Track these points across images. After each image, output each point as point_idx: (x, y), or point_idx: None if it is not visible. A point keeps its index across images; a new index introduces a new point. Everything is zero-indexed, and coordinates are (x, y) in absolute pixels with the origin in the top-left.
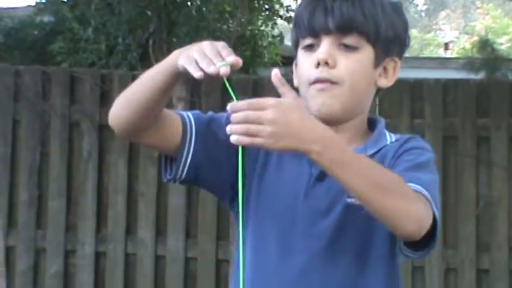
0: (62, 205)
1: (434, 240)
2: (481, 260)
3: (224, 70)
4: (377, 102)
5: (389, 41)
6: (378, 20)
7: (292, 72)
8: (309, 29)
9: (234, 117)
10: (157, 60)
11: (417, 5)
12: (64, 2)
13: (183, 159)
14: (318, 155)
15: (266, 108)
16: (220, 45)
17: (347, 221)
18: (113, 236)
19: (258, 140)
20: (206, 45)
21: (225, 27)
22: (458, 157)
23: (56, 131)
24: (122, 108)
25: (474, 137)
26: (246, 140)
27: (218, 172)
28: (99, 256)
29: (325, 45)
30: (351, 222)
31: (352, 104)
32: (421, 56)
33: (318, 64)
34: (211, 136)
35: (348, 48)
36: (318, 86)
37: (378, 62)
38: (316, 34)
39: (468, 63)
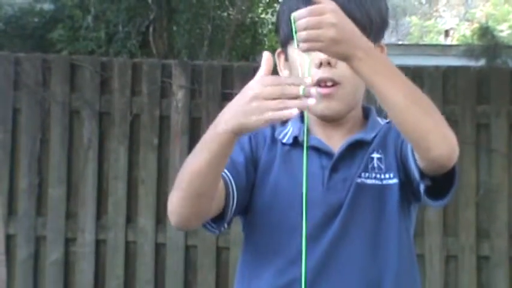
0: (62, 193)
1: (454, 185)
2: (481, 247)
3: (311, 101)
4: None
5: (378, 29)
6: (370, 11)
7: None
8: None
9: (297, 25)
10: (157, 48)
11: None
12: None
13: (229, 210)
14: (360, 61)
15: (326, 12)
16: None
17: (359, 201)
18: (113, 224)
19: (316, 45)
20: (257, 86)
21: (225, 14)
22: (458, 144)
23: (56, 118)
24: (182, 206)
25: (474, 124)
26: (305, 46)
27: (248, 196)
28: (99, 244)
29: None
30: (362, 202)
31: (353, 100)
32: (421, 43)
33: (320, 64)
34: (240, 174)
35: None
36: (322, 90)
37: None
38: None
39: (468, 50)
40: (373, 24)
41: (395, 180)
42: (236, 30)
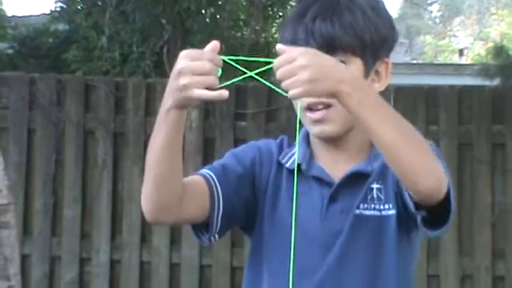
0: (77, 213)
1: (451, 213)
2: (497, 267)
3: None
4: None
5: (376, 46)
6: (360, 31)
7: None
8: None
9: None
10: (172, 68)
11: (431, 12)
12: (78, 10)
13: (215, 215)
14: (348, 96)
15: (296, 58)
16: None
17: (357, 232)
18: (128, 244)
19: (297, 91)
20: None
21: (239, 35)
22: (473, 164)
23: (70, 139)
24: (149, 191)
25: (489, 144)
26: (290, 94)
27: (243, 210)
28: (114, 264)
29: None
30: (361, 233)
31: (349, 119)
32: (436, 62)
33: None
34: (230, 181)
35: None
36: (313, 116)
37: (368, 70)
38: None
39: (483, 70)
40: (366, 45)
41: (393, 211)
42: (250, 50)
